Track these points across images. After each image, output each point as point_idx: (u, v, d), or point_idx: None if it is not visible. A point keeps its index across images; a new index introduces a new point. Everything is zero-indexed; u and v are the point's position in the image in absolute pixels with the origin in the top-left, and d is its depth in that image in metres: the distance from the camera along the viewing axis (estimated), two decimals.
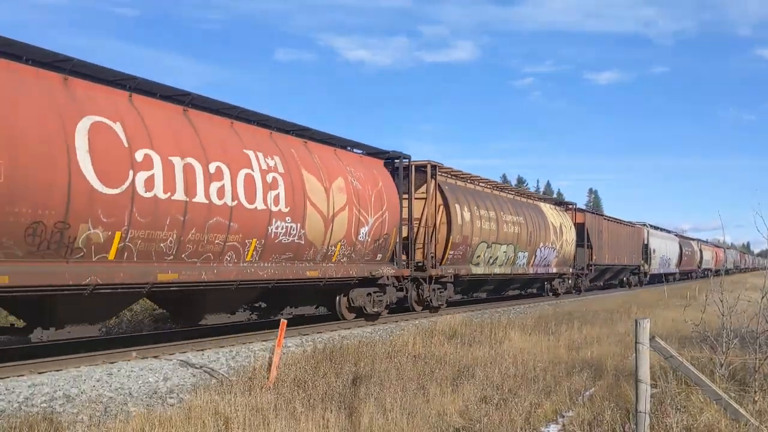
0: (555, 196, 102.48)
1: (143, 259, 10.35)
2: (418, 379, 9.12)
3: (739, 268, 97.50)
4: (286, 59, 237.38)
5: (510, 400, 7.94)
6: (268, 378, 8.85)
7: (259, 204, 12.28)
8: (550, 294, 30.26)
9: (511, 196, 26.31)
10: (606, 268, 36.70)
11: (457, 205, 20.19)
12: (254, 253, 12.41)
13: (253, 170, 12.30)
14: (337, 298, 15.97)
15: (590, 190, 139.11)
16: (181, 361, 10.22)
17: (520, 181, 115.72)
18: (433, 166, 19.53)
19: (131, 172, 9.96)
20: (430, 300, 19.19)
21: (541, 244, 26.55)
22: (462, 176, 22.11)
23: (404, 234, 17.84)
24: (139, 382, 8.90)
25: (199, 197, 11.04)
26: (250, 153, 12.44)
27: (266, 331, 13.82)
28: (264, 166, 12.62)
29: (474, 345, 12.48)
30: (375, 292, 16.51)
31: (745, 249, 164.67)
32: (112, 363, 9.84)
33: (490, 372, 9.63)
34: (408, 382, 8.85)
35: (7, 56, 9.04)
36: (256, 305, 14.65)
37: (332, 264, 14.71)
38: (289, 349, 11.58)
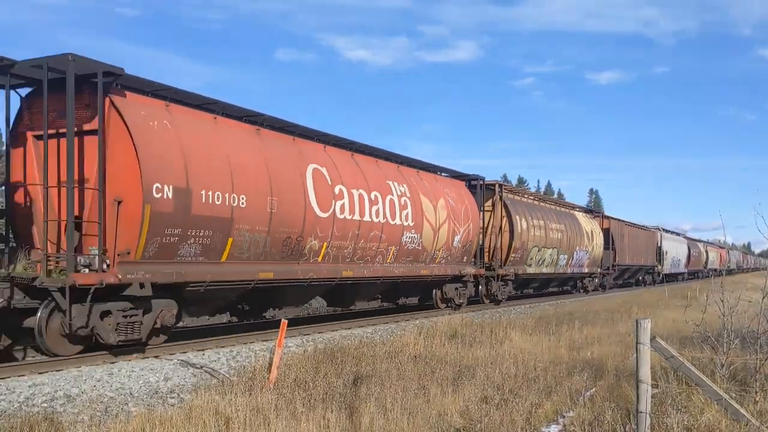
0: (555, 196, 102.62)
1: (335, 261, 15.03)
2: (419, 380, 9.12)
3: (742, 268, 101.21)
4: (287, 59, 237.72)
5: (511, 400, 7.94)
6: (268, 378, 8.85)
7: (397, 221, 17.06)
8: (582, 291, 34.64)
9: (554, 207, 31.05)
10: (626, 268, 40.84)
11: (517, 216, 24.44)
12: (392, 257, 17.21)
13: (393, 196, 17.09)
14: (434, 291, 20.76)
15: (591, 190, 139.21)
16: (181, 361, 10.22)
17: (521, 181, 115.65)
18: (500, 185, 24.36)
19: (333, 201, 14.62)
20: (496, 294, 23.52)
21: (577, 248, 31.15)
22: (517, 191, 27.80)
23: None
24: (140, 382, 8.90)
25: (366, 217, 15.78)
26: (390, 183, 17.27)
27: (267, 331, 13.83)
28: (398, 192, 17.42)
29: (475, 345, 12.47)
30: (460, 287, 21.21)
31: (746, 249, 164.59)
32: (113, 363, 9.85)
33: (490, 372, 9.63)
34: (409, 382, 8.85)
35: (226, 116, 12.75)
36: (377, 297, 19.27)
37: (435, 264, 19.50)
38: (289, 349, 11.58)
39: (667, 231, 52.99)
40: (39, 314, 9.93)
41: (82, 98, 10.29)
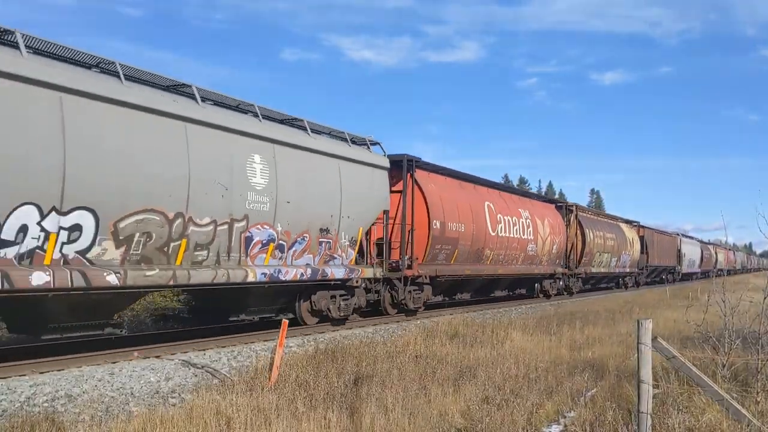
0: (557, 196, 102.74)
1: (494, 264, 22.75)
2: (420, 380, 9.12)
3: (746, 268, 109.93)
4: (292, 59, 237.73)
5: (512, 400, 7.93)
6: (269, 378, 8.85)
7: (525, 236, 24.86)
8: (623, 287, 41.94)
9: (606, 220, 39.52)
10: (655, 268, 48.86)
11: (587, 229, 32.37)
12: (521, 260, 24.95)
13: (522, 219, 24.88)
14: (536, 285, 28.49)
15: (592, 191, 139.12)
16: (182, 360, 10.22)
17: (522, 181, 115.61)
18: (576, 206, 32.93)
19: (497, 225, 22.55)
20: (572, 287, 30.85)
21: (622, 252, 38.96)
22: (584, 210, 36.30)
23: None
24: (141, 381, 8.90)
25: (511, 234, 23.59)
26: (520, 210, 25.20)
27: (269, 330, 13.83)
28: (525, 216, 25.24)
29: (476, 345, 12.47)
30: (552, 282, 29.02)
31: (747, 249, 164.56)
32: (114, 363, 9.85)
33: (491, 372, 9.63)
34: (410, 382, 8.84)
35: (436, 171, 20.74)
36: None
37: (542, 266, 27.18)
38: (290, 349, 11.58)
39: (685, 236, 60.95)
40: (382, 292, 17.05)
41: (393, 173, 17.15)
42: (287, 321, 9.86)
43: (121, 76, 10.00)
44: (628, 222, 44.00)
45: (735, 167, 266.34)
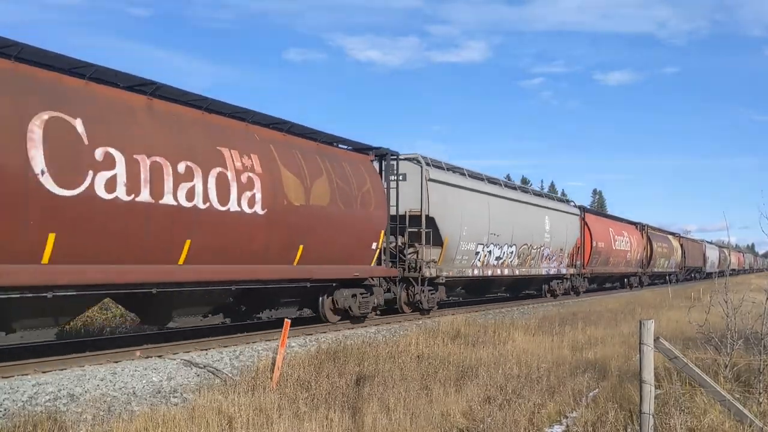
0: (559, 196, 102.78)
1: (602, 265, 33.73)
2: (422, 380, 9.12)
3: (753, 268, 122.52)
4: (297, 59, 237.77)
5: (514, 400, 7.93)
6: (271, 378, 8.85)
7: (627, 248, 39.65)
8: (670, 283, 49.12)
9: (659, 233, 50.23)
10: (688, 269, 60.96)
11: (653, 240, 45.27)
12: (624, 264, 39.25)
13: (623, 238, 38.54)
14: (625, 280, 42.83)
15: (595, 191, 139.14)
16: (184, 360, 10.23)
17: (525, 181, 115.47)
18: (648, 226, 45.52)
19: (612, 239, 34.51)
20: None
21: (671, 257, 51.46)
22: (652, 227, 46.55)
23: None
24: (143, 381, 8.91)
25: (616, 246, 37.15)
26: (620, 230, 38.06)
27: (271, 330, 13.83)
28: (626, 234, 39.32)
29: (477, 345, 12.47)
30: (634, 278, 43.13)
31: (750, 250, 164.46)
32: (116, 362, 9.86)
33: (493, 372, 9.63)
34: (411, 382, 8.84)
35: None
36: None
37: (630, 268, 41.02)
38: (292, 349, 11.58)
39: (708, 242, 74.93)
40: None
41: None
42: (289, 321, 9.86)
43: (502, 183, 24.36)
44: (673, 234, 58.16)
45: (739, 168, 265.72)
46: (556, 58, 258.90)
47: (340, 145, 15.54)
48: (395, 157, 17.24)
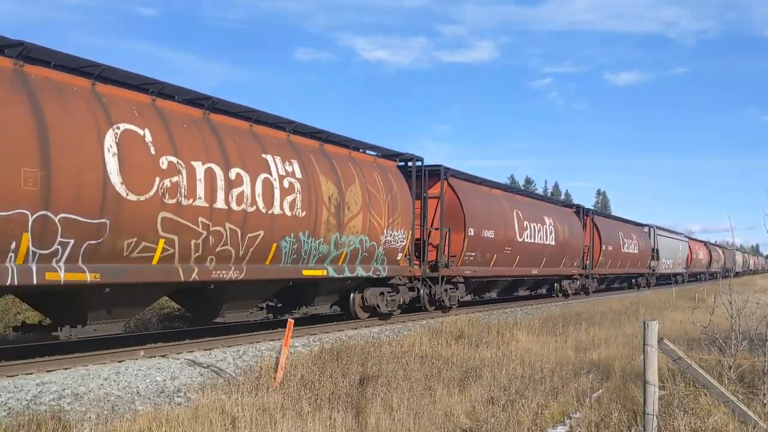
0: (563, 197, 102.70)
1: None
2: (425, 380, 9.11)
3: (764, 269, 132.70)
4: (306, 59, 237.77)
5: (517, 401, 7.93)
6: (275, 378, 8.86)
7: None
8: (705, 279, 58.16)
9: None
10: (717, 270, 68.72)
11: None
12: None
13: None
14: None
15: (598, 191, 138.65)
16: (188, 360, 10.25)
17: (528, 181, 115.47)
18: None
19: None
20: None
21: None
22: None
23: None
24: (147, 380, 8.92)
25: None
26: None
27: (274, 330, 13.86)
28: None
29: (481, 346, 12.46)
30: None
31: (754, 251, 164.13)
32: (120, 362, 9.88)
33: (497, 373, 9.62)
34: (415, 382, 8.84)
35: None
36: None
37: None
38: (296, 348, 11.59)
39: (738, 249, 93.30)
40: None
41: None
42: (293, 321, 9.88)
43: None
44: (701, 242, 66.19)
45: (746, 168, 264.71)
46: (565, 58, 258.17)
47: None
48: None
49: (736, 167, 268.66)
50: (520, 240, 23.12)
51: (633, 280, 43.77)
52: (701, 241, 66.07)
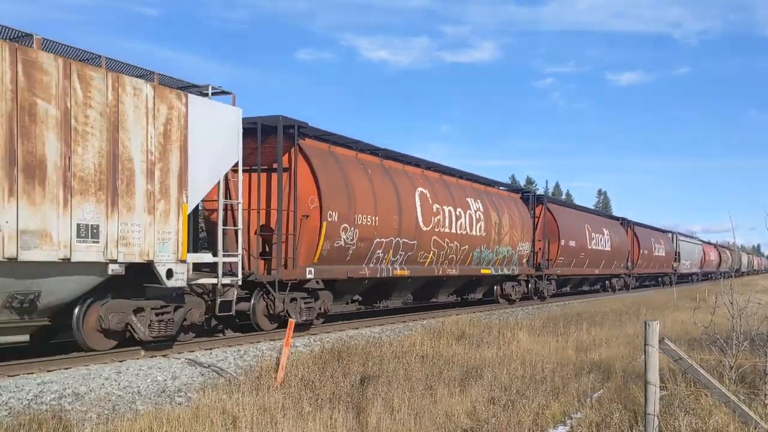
0: (563, 197, 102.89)
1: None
2: (426, 380, 9.11)
3: (759, 269, 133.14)
4: (308, 59, 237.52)
5: (518, 401, 7.93)
6: (275, 378, 8.86)
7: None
8: (725, 277, 58.21)
9: (714, 248, 68.16)
10: (735, 269, 61.48)
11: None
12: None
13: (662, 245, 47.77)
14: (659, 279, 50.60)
15: (599, 191, 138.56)
16: (189, 360, 10.25)
17: (529, 182, 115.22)
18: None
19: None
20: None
21: (723, 262, 71.94)
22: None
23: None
24: (148, 380, 8.93)
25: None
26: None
27: (275, 330, 13.85)
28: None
29: (482, 346, 12.46)
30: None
31: (755, 251, 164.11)
32: (121, 361, 9.88)
33: (498, 373, 9.61)
34: (416, 382, 8.84)
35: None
36: None
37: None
38: (297, 348, 11.60)
39: (741, 250, 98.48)
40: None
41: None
42: (293, 321, 9.89)
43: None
44: (725, 246, 76.17)
45: (747, 168, 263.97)
46: (568, 59, 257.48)
47: (500, 188, 24.58)
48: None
49: (737, 167, 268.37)
50: (589, 247, 30.71)
51: (659, 279, 49.72)
52: (712, 244, 74.80)
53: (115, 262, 9.33)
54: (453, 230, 18.64)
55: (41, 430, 6.44)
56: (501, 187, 24.45)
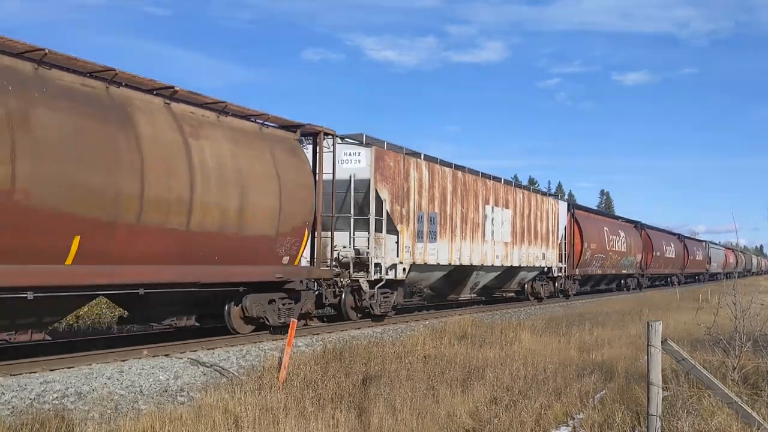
0: (566, 198, 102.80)
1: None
2: (428, 380, 9.11)
3: (761, 270, 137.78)
4: (315, 59, 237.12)
5: (520, 401, 7.91)
6: (278, 377, 8.87)
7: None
8: (744, 276, 70.86)
9: (727, 251, 77.77)
10: (740, 271, 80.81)
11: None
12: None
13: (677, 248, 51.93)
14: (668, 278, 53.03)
15: (602, 191, 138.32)
16: (191, 359, 10.26)
17: (532, 181, 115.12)
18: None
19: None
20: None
21: (743, 262, 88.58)
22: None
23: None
24: (150, 380, 8.94)
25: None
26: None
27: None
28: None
29: (484, 346, 12.45)
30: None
31: (758, 252, 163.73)
32: (124, 361, 9.89)
33: (500, 373, 9.61)
34: (418, 382, 8.84)
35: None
36: None
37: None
38: (299, 348, 11.60)
39: (753, 253, 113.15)
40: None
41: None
42: (296, 321, 9.89)
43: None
44: (730, 248, 79.48)
45: (752, 168, 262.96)
46: (574, 59, 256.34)
47: (538, 194, 27.04)
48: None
49: (741, 168, 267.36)
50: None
51: (668, 279, 53.54)
52: (730, 248, 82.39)
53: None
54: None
55: (44, 430, 6.45)
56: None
